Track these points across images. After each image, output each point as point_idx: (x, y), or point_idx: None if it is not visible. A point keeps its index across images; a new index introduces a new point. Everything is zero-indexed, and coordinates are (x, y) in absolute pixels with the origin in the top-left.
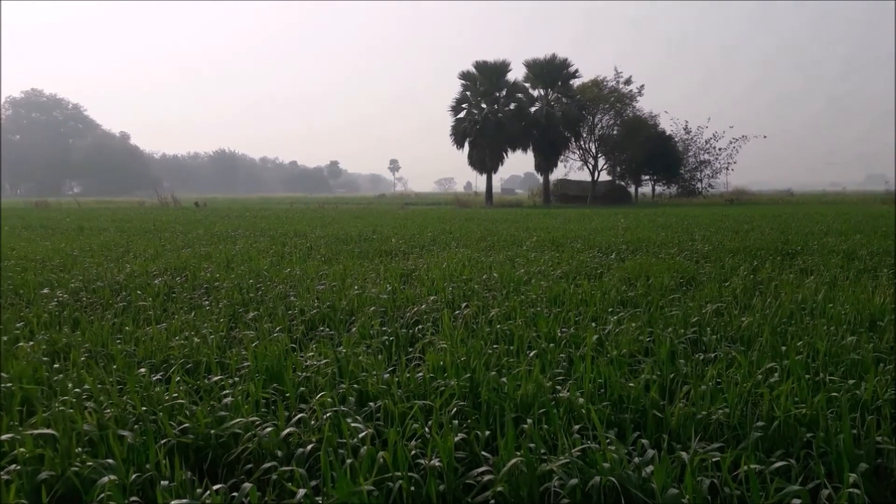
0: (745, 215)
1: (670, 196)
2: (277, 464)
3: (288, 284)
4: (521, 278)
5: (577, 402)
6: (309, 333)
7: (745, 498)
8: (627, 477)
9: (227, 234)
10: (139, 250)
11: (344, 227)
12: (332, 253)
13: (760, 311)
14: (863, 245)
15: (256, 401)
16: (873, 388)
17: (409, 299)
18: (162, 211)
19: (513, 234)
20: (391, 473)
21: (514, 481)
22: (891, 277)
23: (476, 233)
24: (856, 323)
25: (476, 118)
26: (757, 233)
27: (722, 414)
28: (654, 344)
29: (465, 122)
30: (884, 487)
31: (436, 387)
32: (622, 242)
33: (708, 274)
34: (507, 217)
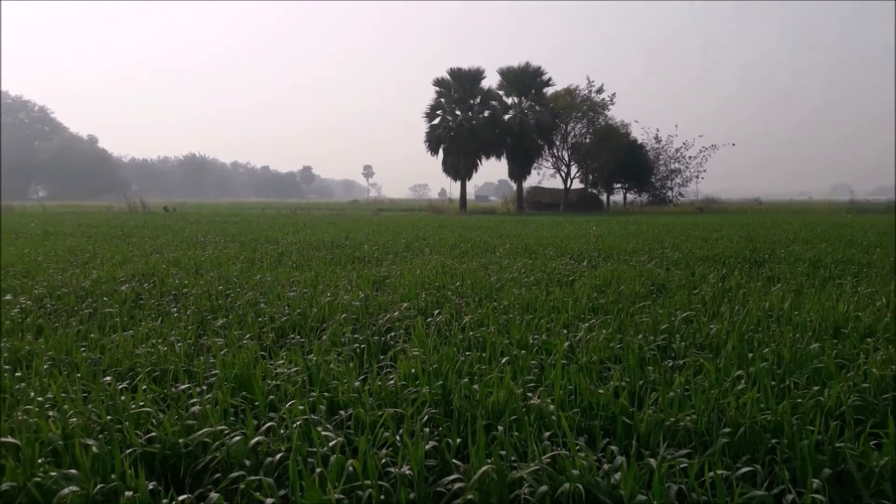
0: (715, 223)
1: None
2: (246, 473)
3: (258, 291)
4: (494, 285)
5: (547, 409)
6: (279, 341)
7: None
8: (596, 484)
9: (197, 239)
10: (106, 256)
11: (316, 233)
12: (304, 259)
13: (728, 319)
14: (828, 253)
15: (225, 409)
16: (837, 394)
17: (382, 306)
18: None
19: (486, 241)
20: (361, 482)
21: (485, 489)
22: (854, 286)
23: (450, 239)
24: (820, 330)
25: (450, 125)
26: (726, 241)
27: (690, 420)
28: (624, 351)
29: (439, 128)
30: (846, 492)
31: (407, 394)
32: (594, 250)
33: (678, 281)
34: (480, 224)
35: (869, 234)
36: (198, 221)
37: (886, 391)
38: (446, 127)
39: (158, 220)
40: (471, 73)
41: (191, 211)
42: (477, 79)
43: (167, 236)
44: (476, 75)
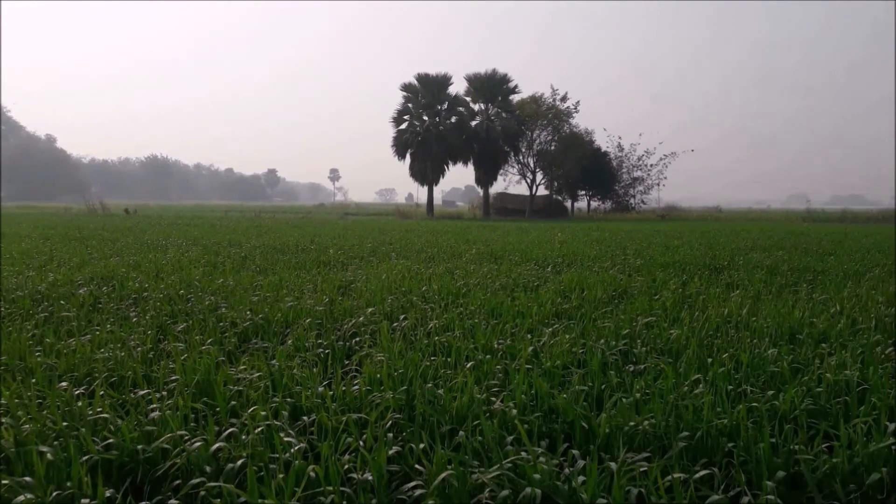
0: (676, 231)
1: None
2: (206, 480)
3: (220, 295)
4: (460, 290)
5: (510, 414)
6: (241, 346)
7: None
8: (557, 488)
9: (158, 242)
10: (64, 258)
11: (281, 236)
12: (268, 263)
13: (688, 324)
14: (785, 261)
15: (185, 415)
16: (791, 398)
17: (347, 311)
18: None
19: (453, 246)
20: (322, 488)
21: (446, 494)
22: (809, 292)
23: (416, 244)
24: (777, 336)
25: (418, 130)
26: (687, 248)
27: (649, 424)
28: (586, 356)
29: (406, 133)
30: (799, 494)
31: (372, 400)
32: (558, 256)
33: (639, 287)
34: (447, 229)
35: (824, 243)
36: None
37: (839, 395)
38: (413, 132)
39: (119, 223)
40: (438, 79)
41: (153, 213)
42: (444, 85)
43: (128, 239)
44: (443, 81)
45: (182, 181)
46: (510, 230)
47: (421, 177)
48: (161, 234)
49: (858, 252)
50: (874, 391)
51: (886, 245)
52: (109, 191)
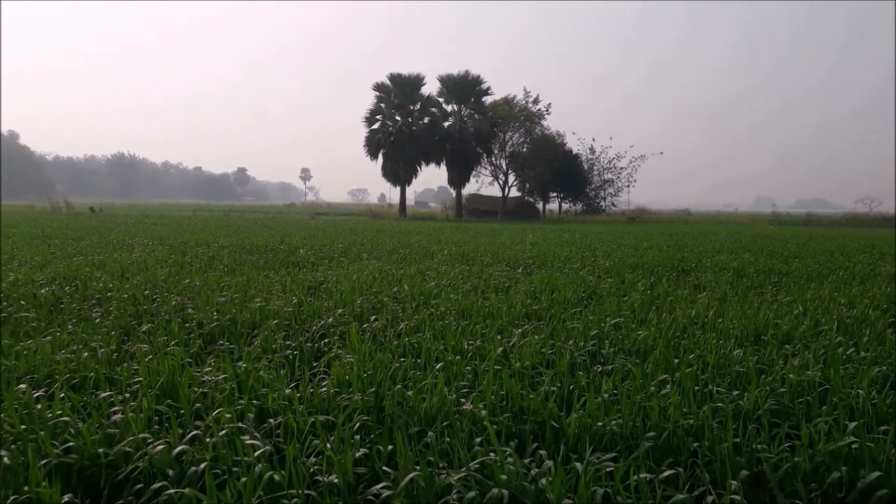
0: (645, 233)
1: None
2: (169, 484)
3: (186, 296)
4: (432, 291)
5: (479, 415)
6: (207, 347)
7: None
8: (524, 489)
9: (124, 241)
10: (25, 258)
11: (250, 236)
12: (236, 263)
13: (656, 325)
14: (751, 263)
15: (149, 417)
16: (755, 398)
17: (316, 312)
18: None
19: (425, 247)
20: (286, 491)
21: (413, 496)
22: (774, 294)
23: (388, 245)
24: (742, 337)
25: (390, 130)
26: (655, 250)
27: (616, 424)
28: (555, 356)
29: (379, 133)
30: (762, 493)
31: (340, 402)
32: (529, 257)
33: (608, 289)
34: (419, 230)
35: (789, 246)
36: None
37: (802, 395)
38: (386, 132)
39: (84, 221)
40: (411, 80)
41: (119, 212)
42: (417, 85)
43: (92, 238)
44: (416, 81)
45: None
46: (482, 231)
47: (393, 177)
48: (127, 233)
49: (822, 255)
50: (835, 391)
51: (848, 248)
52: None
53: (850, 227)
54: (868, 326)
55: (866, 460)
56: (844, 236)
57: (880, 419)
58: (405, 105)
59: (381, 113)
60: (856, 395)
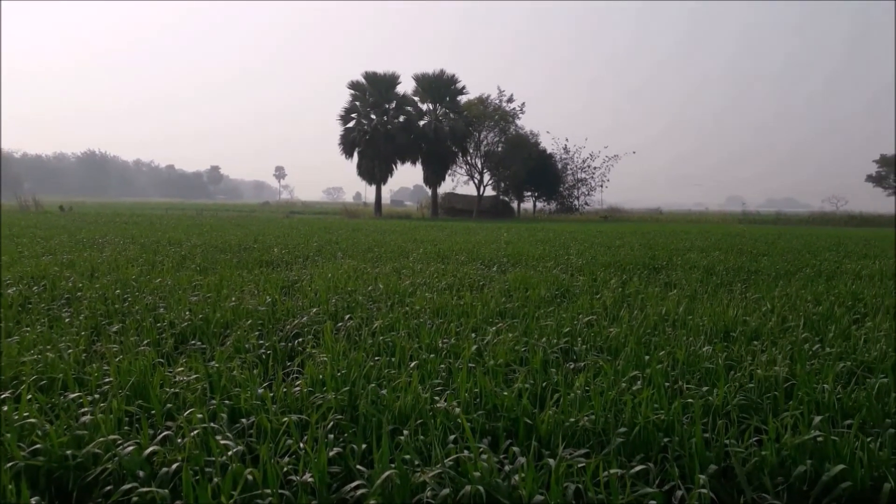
0: (618, 232)
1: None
2: (139, 485)
3: (158, 295)
4: (407, 290)
5: (453, 413)
6: (179, 347)
7: (606, 502)
8: (497, 485)
9: (94, 240)
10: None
11: (223, 235)
12: (209, 262)
13: (627, 323)
14: (721, 261)
15: (119, 419)
16: (724, 394)
17: (290, 311)
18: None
19: (400, 246)
20: (260, 491)
21: (388, 494)
22: (743, 292)
23: (363, 243)
24: (712, 334)
25: (365, 128)
26: (627, 248)
27: (588, 421)
28: (529, 354)
29: (354, 131)
30: (730, 487)
31: (314, 401)
32: (504, 255)
33: (581, 287)
34: (395, 228)
35: (758, 244)
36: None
37: (769, 391)
38: (361, 130)
39: (52, 220)
40: (386, 78)
41: (89, 210)
42: (392, 84)
43: (62, 237)
44: (391, 80)
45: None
46: (458, 230)
47: (369, 176)
48: (97, 231)
49: (790, 253)
50: (801, 386)
51: (815, 246)
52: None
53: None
54: (833, 323)
55: (831, 453)
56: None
57: (845, 413)
58: (380, 104)
59: (356, 111)
60: (821, 390)
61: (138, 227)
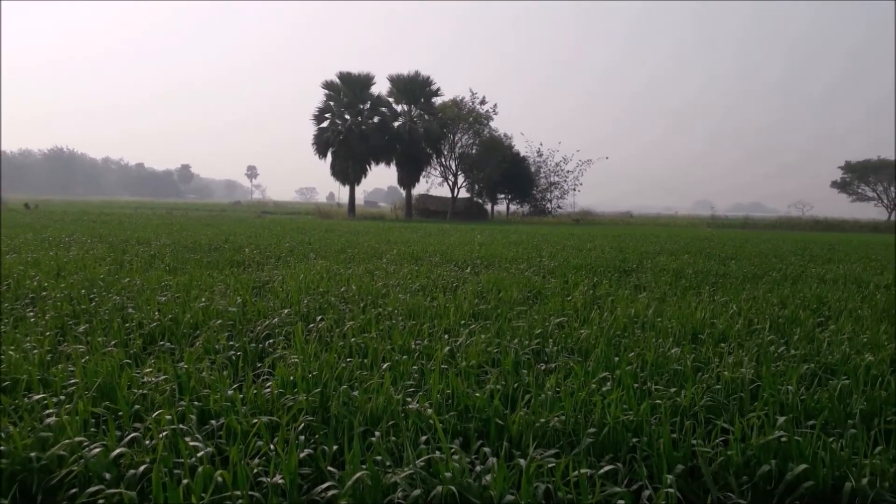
0: (589, 234)
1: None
2: (105, 487)
3: (126, 295)
4: (380, 291)
5: (425, 414)
6: (148, 348)
7: (576, 501)
8: (468, 485)
9: (61, 239)
10: None
11: (193, 234)
12: (178, 262)
13: (598, 325)
14: (689, 264)
15: (85, 420)
16: (692, 395)
17: (261, 312)
18: None
19: (374, 247)
20: (230, 493)
21: (359, 495)
22: (711, 295)
23: (336, 244)
24: (680, 335)
25: (339, 129)
26: (598, 251)
27: (558, 421)
28: (501, 355)
29: (328, 131)
30: (697, 486)
31: (285, 402)
32: (477, 257)
33: (553, 288)
34: (368, 229)
35: (726, 248)
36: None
37: (735, 392)
38: (335, 130)
39: (17, 218)
40: (360, 78)
41: (56, 209)
42: (367, 84)
43: (27, 235)
44: (366, 81)
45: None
46: (431, 231)
47: (342, 176)
48: (64, 230)
49: (757, 257)
50: (766, 388)
51: (782, 250)
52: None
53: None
54: (798, 325)
55: (794, 453)
56: (778, 239)
57: (808, 414)
58: (355, 104)
59: (330, 111)
60: (786, 392)
61: (106, 225)
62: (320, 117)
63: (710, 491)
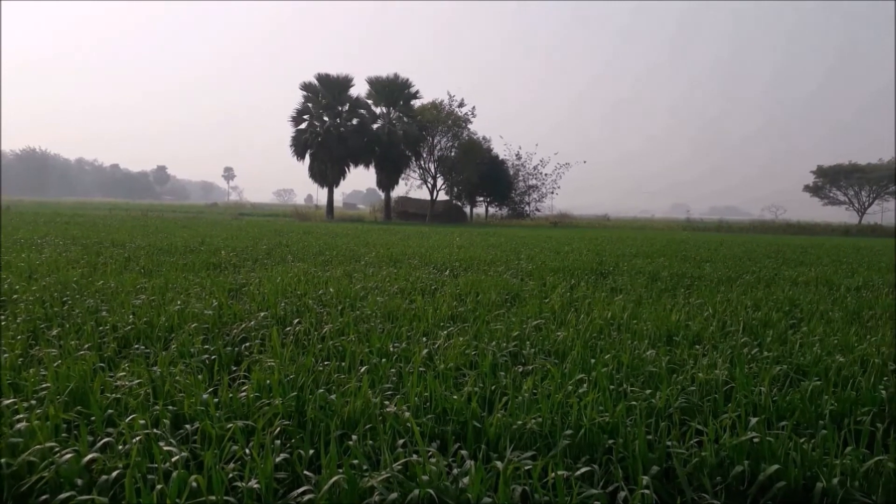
0: (567, 237)
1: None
2: (77, 493)
3: (100, 298)
4: (358, 294)
5: (403, 417)
6: (122, 352)
7: (552, 503)
8: (445, 488)
9: (33, 241)
10: None
11: (168, 236)
12: (154, 265)
13: (574, 327)
14: (665, 267)
15: (57, 425)
16: (667, 396)
17: (237, 315)
18: None
19: (352, 249)
20: (205, 498)
21: (336, 499)
22: (686, 297)
23: (314, 247)
24: (655, 338)
25: (318, 130)
26: (576, 254)
27: (535, 423)
28: (479, 357)
29: (306, 133)
30: (672, 487)
31: (260, 406)
32: (456, 260)
33: (531, 291)
34: (347, 232)
35: (701, 250)
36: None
37: (710, 393)
38: (314, 132)
39: None
40: (339, 80)
41: (28, 210)
42: (345, 86)
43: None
44: (344, 83)
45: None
46: (410, 234)
47: (321, 178)
48: (36, 231)
49: (731, 259)
50: (740, 389)
51: (756, 253)
52: None
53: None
54: (771, 328)
55: (767, 454)
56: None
57: (780, 415)
58: (333, 106)
59: (308, 113)
60: (758, 393)
61: (80, 227)
62: (298, 119)
63: (685, 492)
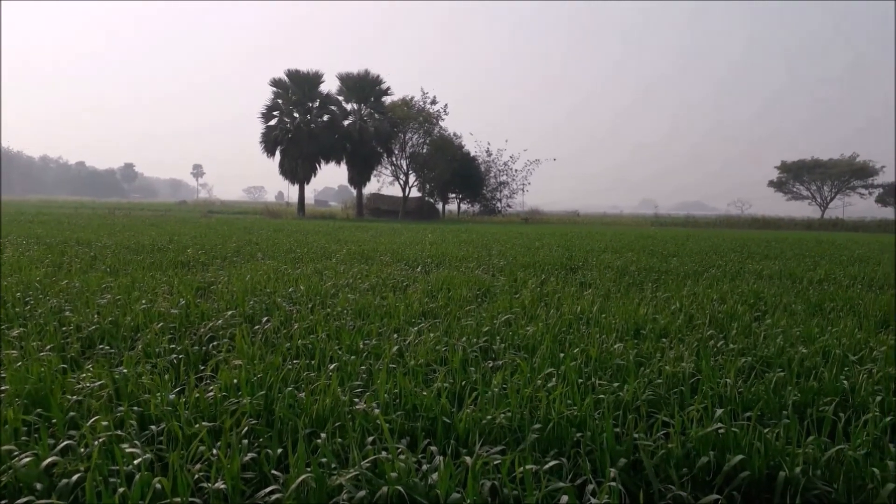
0: (538, 233)
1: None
2: (36, 497)
3: (64, 298)
4: (329, 291)
5: (372, 414)
6: (86, 352)
7: (521, 497)
8: (414, 485)
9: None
10: None
11: (136, 235)
12: (120, 263)
13: (544, 321)
14: (633, 262)
15: (16, 428)
16: (634, 389)
17: (205, 314)
18: None
19: (323, 247)
20: (169, 500)
21: (303, 498)
22: (654, 291)
23: (285, 244)
24: (623, 331)
25: (288, 127)
26: (546, 249)
27: (504, 418)
28: (449, 353)
29: (276, 129)
30: (639, 479)
31: (228, 406)
32: (428, 256)
33: (501, 287)
34: (318, 229)
35: (668, 245)
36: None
37: (676, 386)
38: (284, 129)
39: None
40: (309, 76)
41: None
42: (316, 82)
43: None
44: (315, 79)
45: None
46: (383, 231)
47: (291, 175)
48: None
49: (698, 254)
50: (706, 381)
51: (721, 248)
52: None
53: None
54: (736, 320)
55: (731, 444)
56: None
57: (745, 406)
58: (303, 102)
59: (278, 109)
60: (724, 385)
61: (44, 226)
62: (268, 115)
63: (652, 483)
